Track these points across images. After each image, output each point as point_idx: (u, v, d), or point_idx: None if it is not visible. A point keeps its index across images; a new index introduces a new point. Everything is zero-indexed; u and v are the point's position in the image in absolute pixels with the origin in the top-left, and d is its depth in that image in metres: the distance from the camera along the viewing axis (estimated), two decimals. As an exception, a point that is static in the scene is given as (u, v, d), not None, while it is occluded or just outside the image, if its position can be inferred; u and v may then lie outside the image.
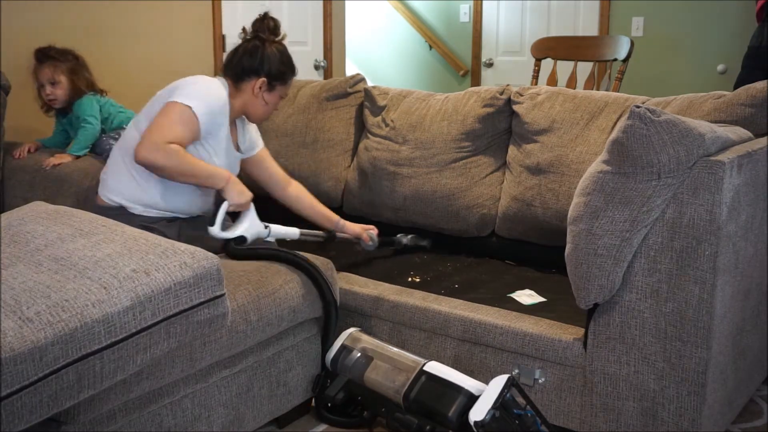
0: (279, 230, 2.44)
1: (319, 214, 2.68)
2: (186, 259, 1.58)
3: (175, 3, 3.77)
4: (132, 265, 1.52)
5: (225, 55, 2.49)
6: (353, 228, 2.70)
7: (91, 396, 1.53)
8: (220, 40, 4.05)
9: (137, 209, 2.34)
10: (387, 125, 2.94)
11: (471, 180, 2.74)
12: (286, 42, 2.48)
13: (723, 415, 2.07)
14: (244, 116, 2.51)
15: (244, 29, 2.47)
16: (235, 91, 2.40)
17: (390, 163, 2.87)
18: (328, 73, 4.71)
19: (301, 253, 2.27)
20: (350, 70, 5.69)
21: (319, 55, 4.67)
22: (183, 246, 1.62)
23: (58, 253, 1.57)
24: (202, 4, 3.94)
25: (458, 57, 5.95)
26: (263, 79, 2.39)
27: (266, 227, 2.38)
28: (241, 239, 2.27)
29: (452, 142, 2.76)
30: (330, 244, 2.66)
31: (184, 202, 2.39)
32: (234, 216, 2.35)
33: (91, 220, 1.73)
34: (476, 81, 5.82)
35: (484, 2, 5.72)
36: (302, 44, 4.54)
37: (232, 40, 4.14)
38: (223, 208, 2.27)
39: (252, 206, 2.35)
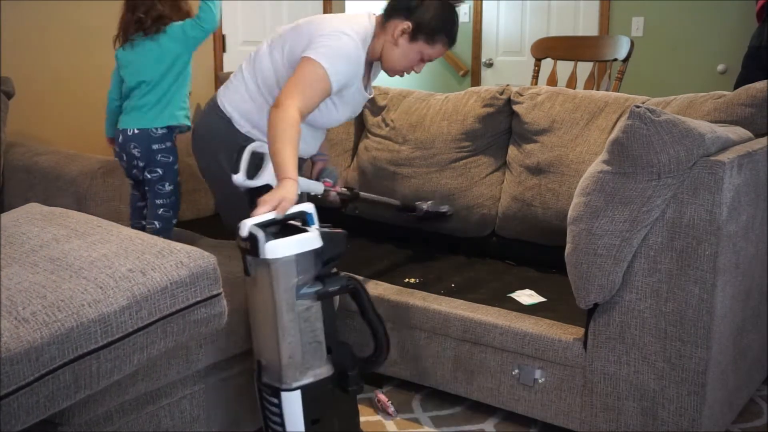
0: (302, 183, 2.24)
1: None
2: (182, 258, 1.58)
3: (175, 3, 3.76)
4: (128, 265, 1.52)
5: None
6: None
7: (87, 397, 1.52)
8: (220, 40, 4.04)
9: (244, 126, 2.27)
10: (387, 125, 2.94)
11: (471, 180, 2.73)
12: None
13: (723, 415, 2.06)
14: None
15: None
16: (380, 30, 2.23)
17: (390, 163, 2.87)
18: (328, 73, 4.69)
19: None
20: (350, 70, 5.67)
21: (319, 56, 4.66)
22: (179, 245, 1.62)
23: (54, 253, 1.57)
24: (202, 4, 3.92)
25: (458, 57, 5.94)
26: (408, 23, 2.17)
27: None
28: (268, 187, 2.10)
29: (452, 142, 2.76)
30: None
31: None
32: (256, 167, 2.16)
33: (86, 221, 1.73)
34: (476, 81, 5.81)
35: (484, 2, 5.71)
36: (302, 44, 4.54)
37: (232, 39, 4.14)
38: (247, 152, 2.12)
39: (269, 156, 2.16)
